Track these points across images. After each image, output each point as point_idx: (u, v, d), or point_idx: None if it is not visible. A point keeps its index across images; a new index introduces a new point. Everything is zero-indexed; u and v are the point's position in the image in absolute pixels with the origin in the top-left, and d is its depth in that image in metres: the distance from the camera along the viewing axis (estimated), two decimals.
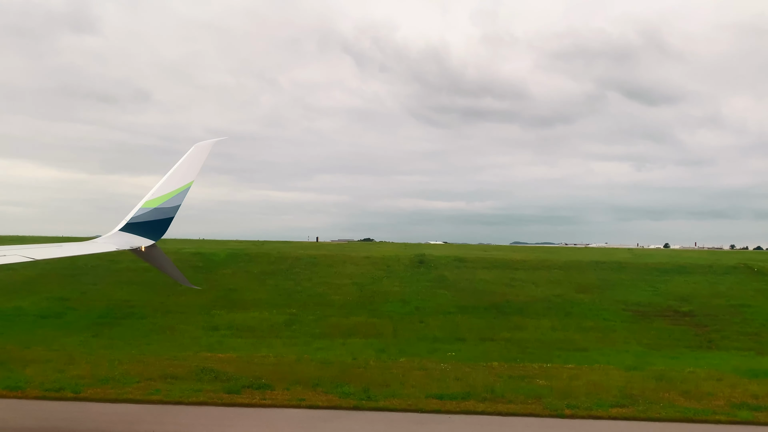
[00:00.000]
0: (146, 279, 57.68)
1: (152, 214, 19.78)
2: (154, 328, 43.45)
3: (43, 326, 43.08)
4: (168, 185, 20.14)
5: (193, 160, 20.75)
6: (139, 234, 19.57)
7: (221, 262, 65.25)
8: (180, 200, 20.27)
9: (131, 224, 19.61)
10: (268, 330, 44.31)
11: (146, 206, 19.81)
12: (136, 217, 19.68)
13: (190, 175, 20.49)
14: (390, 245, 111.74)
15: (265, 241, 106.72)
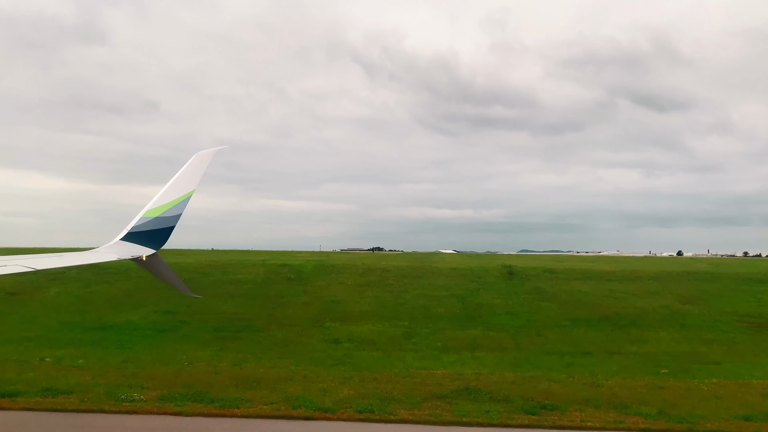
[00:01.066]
0: (246, 291, 57.34)
1: (153, 224, 19.48)
2: (276, 341, 42.57)
3: (164, 340, 42.42)
4: (169, 194, 19.88)
5: (195, 169, 20.49)
6: (140, 243, 19.26)
7: (311, 274, 64.51)
8: (181, 209, 20.01)
9: (132, 233, 19.28)
10: (388, 343, 43.20)
11: (147, 215, 19.53)
12: (137, 226, 19.38)
13: (191, 184, 20.25)
14: (454, 256, 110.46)
15: (326, 252, 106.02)
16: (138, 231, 19.22)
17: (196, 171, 20.39)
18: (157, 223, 19.41)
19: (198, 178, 20.29)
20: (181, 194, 19.87)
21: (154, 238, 19.47)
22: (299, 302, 53.71)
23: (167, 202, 19.64)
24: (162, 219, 19.49)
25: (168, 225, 19.66)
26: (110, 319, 47.84)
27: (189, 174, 20.29)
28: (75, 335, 43.01)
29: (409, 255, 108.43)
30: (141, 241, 19.17)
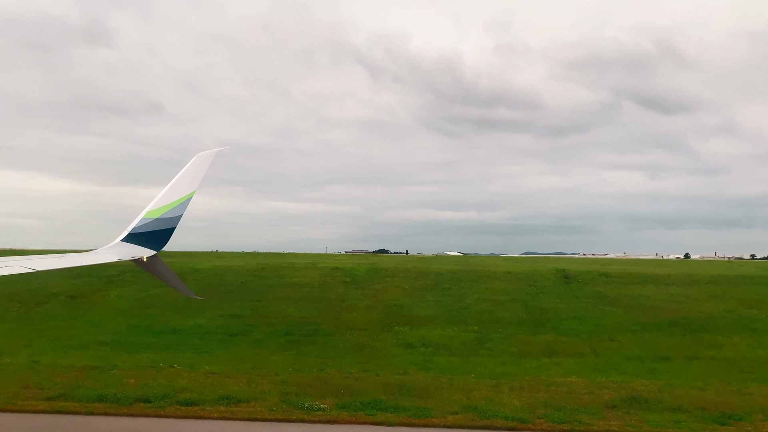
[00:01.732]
0: (305, 295, 56.98)
1: (154, 225, 19.37)
2: (350, 346, 42.07)
3: (238, 344, 42.02)
4: (170, 195, 19.74)
5: (196, 170, 20.39)
6: (141, 244, 19.15)
7: (365, 278, 64.02)
8: (182, 210, 19.87)
9: (133, 234, 19.18)
10: (462, 348, 42.54)
11: (148, 216, 19.41)
12: (138, 227, 19.27)
13: (192, 185, 20.12)
14: (504, 260, 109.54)
15: (368, 254, 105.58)
16: (139, 232, 19.14)
17: (197, 172, 20.32)
18: (158, 224, 19.32)
19: (199, 179, 20.21)
20: (181, 195, 19.78)
21: (155, 239, 19.38)
22: (362, 306, 53.25)
23: (168, 203, 19.54)
24: (163, 220, 19.40)
25: (169, 226, 19.56)
26: (178, 322, 47.56)
27: (190, 175, 20.22)
28: (147, 339, 42.71)
29: (459, 259, 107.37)
30: (142, 242, 19.10)
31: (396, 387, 30.09)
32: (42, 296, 55.51)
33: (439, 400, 27.67)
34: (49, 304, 53.28)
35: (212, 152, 20.76)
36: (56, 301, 54.33)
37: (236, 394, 27.79)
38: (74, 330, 45.20)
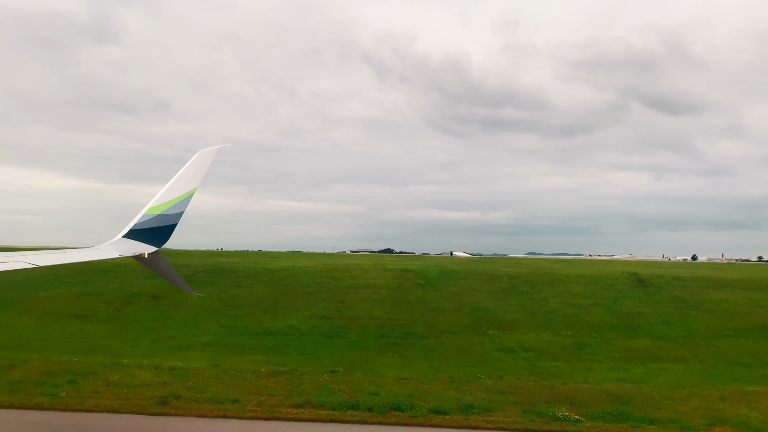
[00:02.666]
0: (385, 297, 56.84)
1: (156, 221, 19.09)
2: (450, 349, 41.73)
3: (337, 345, 41.80)
4: (171, 192, 19.52)
5: (197, 167, 20.18)
6: (142, 241, 18.83)
7: (438, 280, 63.81)
8: (183, 207, 19.69)
9: (135, 231, 18.85)
10: (562, 353, 42.09)
11: (150, 213, 19.11)
12: (139, 223, 18.96)
13: (194, 182, 19.97)
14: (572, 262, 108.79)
15: (423, 255, 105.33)
16: (140, 228, 18.91)
17: (198, 169, 20.20)
18: (159, 220, 19.13)
19: (200, 176, 20.14)
20: (183, 192, 19.66)
21: (157, 236, 19.19)
22: (446, 309, 52.99)
23: (170, 200, 19.37)
24: (164, 216, 19.21)
25: (170, 222, 19.41)
26: (270, 323, 47.63)
27: (192, 172, 20.09)
28: (247, 340, 42.77)
29: (529, 261, 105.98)
30: (143, 238, 18.87)
31: (608, 396, 29.61)
32: (125, 296, 55.95)
33: (672, 412, 27.00)
34: (135, 304, 53.65)
35: (214, 149, 20.77)
36: (140, 301, 54.70)
37: (475, 403, 27.18)
38: (170, 331, 45.39)
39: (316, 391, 28.62)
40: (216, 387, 28.93)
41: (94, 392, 27.44)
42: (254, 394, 27.84)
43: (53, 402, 25.99)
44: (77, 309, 51.59)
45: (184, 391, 28.05)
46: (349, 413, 25.37)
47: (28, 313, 50.37)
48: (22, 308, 51.71)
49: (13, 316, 49.28)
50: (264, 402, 26.55)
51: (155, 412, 24.91)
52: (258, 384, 29.93)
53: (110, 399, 26.44)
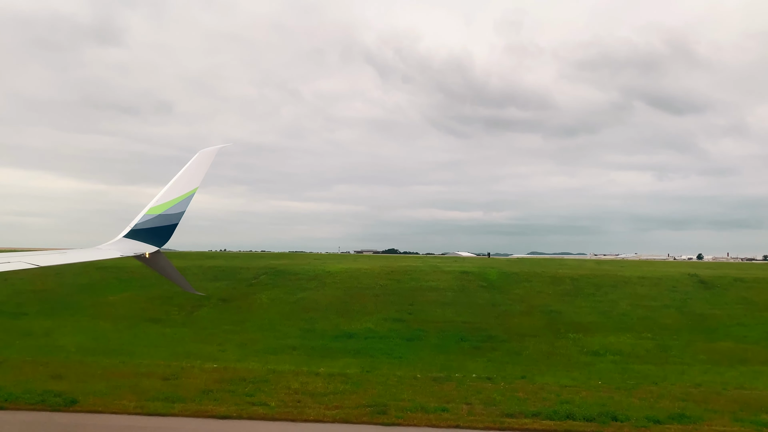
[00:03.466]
0: (453, 299, 56.81)
1: (157, 221, 19.07)
2: (535, 353, 41.27)
3: (423, 349, 41.65)
4: (172, 192, 19.45)
5: (198, 167, 20.12)
6: (143, 240, 18.78)
7: (500, 281, 63.65)
8: (184, 207, 19.62)
9: (136, 231, 18.82)
10: (648, 355, 41.66)
11: (151, 213, 19.09)
12: (140, 223, 18.93)
13: (194, 181, 19.89)
14: (632, 264, 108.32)
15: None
16: (141, 228, 18.91)
17: (199, 169, 20.16)
18: (160, 220, 19.12)
19: (201, 176, 20.09)
20: (184, 192, 19.59)
21: (157, 236, 19.16)
22: (516, 312, 52.81)
23: (170, 200, 19.33)
24: (165, 216, 19.19)
25: (171, 222, 19.40)
26: (347, 326, 47.68)
27: (192, 172, 20.03)
28: (331, 343, 42.74)
29: (590, 264, 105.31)
30: (144, 238, 18.86)
31: None
32: (193, 299, 56.18)
33: None
34: (206, 307, 53.94)
35: (215, 149, 20.75)
36: (210, 304, 54.99)
37: (686, 411, 26.15)
38: (251, 334, 45.53)
39: (502, 398, 27.48)
40: (405, 394, 27.79)
41: (296, 401, 26.14)
42: (448, 402, 26.62)
43: (273, 413, 24.78)
44: (150, 313, 51.94)
45: (379, 398, 26.96)
46: (568, 423, 24.18)
47: (102, 317, 50.80)
48: (95, 312, 52.21)
49: (90, 320, 49.74)
50: (478, 411, 25.31)
51: (381, 422, 23.90)
52: (436, 391, 28.76)
53: (319, 408, 25.26)
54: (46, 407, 25.01)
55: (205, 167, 20.25)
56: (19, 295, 58.28)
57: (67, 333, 44.28)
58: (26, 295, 58.23)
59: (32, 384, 27.94)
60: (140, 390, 27.54)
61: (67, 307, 54.29)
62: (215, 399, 26.37)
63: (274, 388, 28.38)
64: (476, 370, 36.04)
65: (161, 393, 26.98)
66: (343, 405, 25.77)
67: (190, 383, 29.15)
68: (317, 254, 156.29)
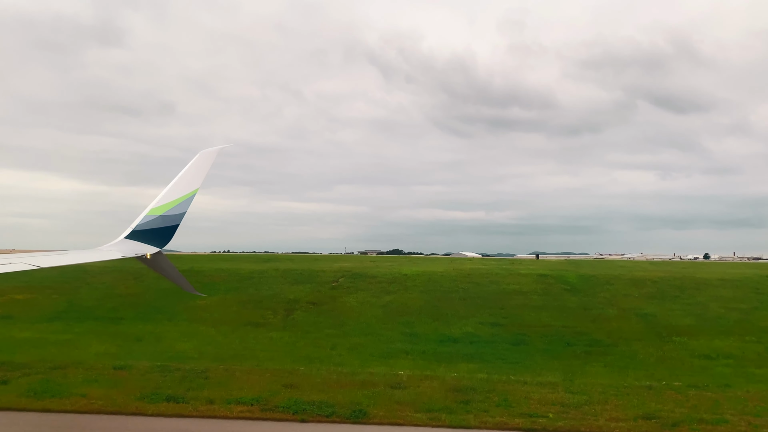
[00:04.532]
0: (543, 303, 56.77)
1: (158, 222, 19.25)
2: (648, 358, 40.82)
3: (533, 354, 41.77)
4: (173, 192, 19.61)
5: (199, 168, 20.25)
6: (144, 241, 19.02)
7: (583, 285, 63.56)
8: (185, 207, 19.77)
9: (137, 232, 19.02)
10: (759, 359, 41.18)
11: (152, 214, 19.29)
12: (141, 224, 19.12)
13: (195, 182, 20.02)
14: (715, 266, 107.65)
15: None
16: (142, 229, 19.09)
17: (200, 169, 20.26)
18: (161, 221, 19.29)
19: (202, 177, 20.17)
20: (185, 193, 19.72)
21: (159, 236, 19.33)
22: (610, 315, 52.57)
23: (171, 201, 19.48)
24: (166, 217, 19.35)
25: (172, 223, 19.54)
26: (447, 330, 47.81)
27: (193, 172, 20.15)
28: (441, 348, 42.63)
29: (660, 267, 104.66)
30: (145, 239, 19.06)
31: None
32: (284, 302, 56.81)
33: None
34: (298, 310, 54.39)
35: (215, 149, 20.83)
36: (301, 307, 55.44)
37: None
38: (355, 338, 45.65)
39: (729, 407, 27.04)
40: (653, 404, 27.09)
41: (542, 415, 25.21)
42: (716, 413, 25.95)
43: (568, 426, 24.12)
44: (246, 317, 52.43)
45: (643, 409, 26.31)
46: None
47: (199, 321, 51.23)
48: (191, 317, 52.70)
49: (189, 325, 50.20)
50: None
51: None
52: (646, 400, 28.27)
53: (574, 419, 24.66)
54: (344, 420, 24.58)
55: (206, 168, 20.44)
56: (109, 299, 59.31)
57: (177, 338, 44.83)
58: (115, 300, 59.25)
59: (278, 394, 27.57)
60: (395, 399, 26.97)
61: (159, 311, 54.89)
62: (484, 410, 25.66)
63: (515, 399, 27.44)
64: (600, 376, 35.93)
65: (437, 404, 26.26)
66: (618, 417, 25.08)
67: (420, 392, 28.31)
68: (372, 256, 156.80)
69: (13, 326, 49.14)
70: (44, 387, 28.51)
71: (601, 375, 36.20)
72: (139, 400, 26.46)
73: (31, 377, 30.58)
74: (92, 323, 50.00)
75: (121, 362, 34.54)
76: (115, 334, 46.00)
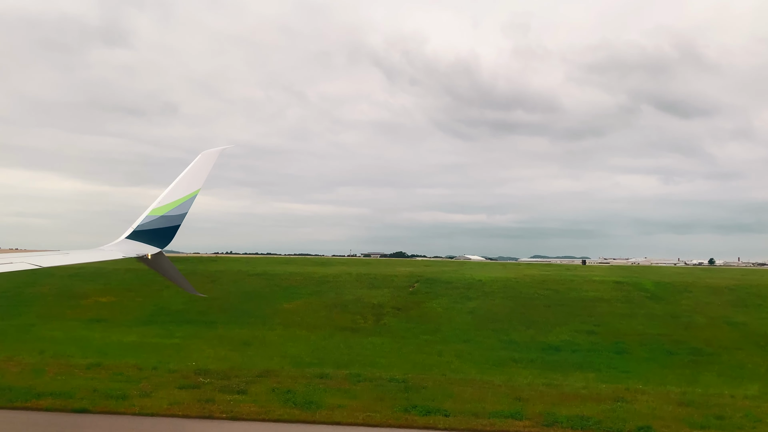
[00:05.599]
0: (629, 310, 56.89)
1: (159, 222, 19.20)
2: (757, 368, 41.36)
3: (633, 363, 41.95)
4: (175, 193, 19.56)
5: (200, 168, 20.19)
6: (145, 242, 18.92)
7: (661, 292, 63.62)
8: (187, 208, 19.72)
9: (138, 232, 18.96)
10: None
11: (153, 214, 19.23)
12: (142, 224, 19.06)
13: (196, 183, 19.97)
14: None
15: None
16: (143, 229, 19.09)
17: (201, 170, 20.25)
18: (162, 221, 19.28)
19: (204, 177, 20.18)
20: (186, 193, 19.73)
21: (160, 237, 19.31)
22: (700, 324, 52.33)
23: (172, 201, 19.47)
24: (167, 218, 19.33)
25: (173, 224, 19.53)
26: (543, 338, 47.99)
27: (195, 173, 20.14)
28: (548, 356, 43.02)
29: (733, 274, 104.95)
30: (146, 239, 19.03)
31: None
32: (369, 307, 57.37)
33: None
34: (387, 316, 54.99)
35: (217, 150, 20.88)
36: (388, 312, 56.02)
37: None
38: (455, 345, 45.94)
39: None
40: None
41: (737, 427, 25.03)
42: None
43: None
44: (337, 321, 53.13)
45: None
46: None
47: (294, 325, 51.89)
48: (283, 321, 53.49)
49: (285, 329, 50.92)
50: None
51: None
52: None
53: None
54: None
55: (207, 168, 20.50)
56: (193, 302, 60.09)
57: (283, 342, 45.45)
58: (199, 303, 60.01)
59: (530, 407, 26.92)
60: (655, 414, 26.26)
61: (248, 315, 55.83)
62: (738, 427, 25.10)
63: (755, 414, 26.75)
64: (715, 385, 36.16)
65: (694, 421, 25.47)
66: None
67: (651, 407, 27.62)
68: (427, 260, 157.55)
69: (111, 330, 50.04)
70: (294, 397, 27.62)
71: (718, 385, 36.29)
72: (405, 412, 25.72)
73: (258, 385, 29.92)
74: (189, 327, 50.84)
75: (318, 370, 33.93)
76: (221, 338, 46.59)
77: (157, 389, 28.85)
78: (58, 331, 49.25)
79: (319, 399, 27.33)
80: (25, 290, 65.94)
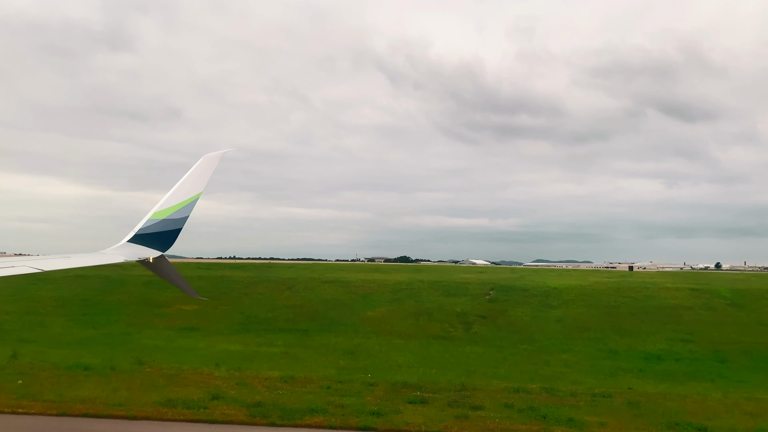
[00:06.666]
0: (712, 318, 56.86)
1: (160, 226, 19.25)
2: None
3: (742, 371, 41.92)
4: (176, 197, 19.59)
5: (202, 172, 20.24)
6: (147, 245, 18.98)
7: (740, 299, 63.41)
8: (188, 212, 19.73)
9: (139, 235, 19.01)
10: None
11: (154, 218, 19.29)
12: (144, 228, 19.11)
13: (198, 186, 20.03)
14: None
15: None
16: (145, 233, 19.10)
17: (203, 174, 20.29)
18: (164, 225, 19.30)
19: (205, 181, 20.22)
20: (188, 197, 19.76)
21: (161, 240, 19.35)
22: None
23: (174, 205, 19.49)
24: (169, 221, 19.36)
25: (175, 227, 19.55)
26: (641, 347, 48.14)
27: (196, 176, 20.17)
28: (652, 366, 43.00)
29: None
30: (148, 243, 19.06)
31: None
32: (452, 315, 57.87)
33: None
34: (476, 324, 55.43)
35: (218, 154, 20.95)
36: (473, 321, 56.47)
37: None
38: (555, 355, 46.31)
39: None
40: None
41: None
42: None
43: None
44: (427, 329, 53.60)
45: None
46: None
47: (386, 333, 52.28)
48: (374, 329, 53.77)
49: (378, 337, 51.25)
50: None
51: None
52: None
53: None
54: None
55: (209, 172, 20.64)
56: (277, 310, 61.02)
57: (385, 351, 45.75)
58: (284, 311, 60.82)
59: None
60: None
61: (336, 322, 56.33)
62: None
63: None
64: None
65: None
66: None
67: None
68: (474, 266, 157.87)
69: (208, 338, 50.22)
70: (549, 413, 28.00)
71: None
72: (668, 429, 26.32)
73: (488, 400, 30.30)
74: (285, 335, 51.40)
75: (515, 385, 34.21)
76: (325, 347, 46.65)
77: (384, 402, 29.22)
78: (158, 339, 49.59)
79: (575, 416, 27.60)
80: (105, 298, 67.06)
